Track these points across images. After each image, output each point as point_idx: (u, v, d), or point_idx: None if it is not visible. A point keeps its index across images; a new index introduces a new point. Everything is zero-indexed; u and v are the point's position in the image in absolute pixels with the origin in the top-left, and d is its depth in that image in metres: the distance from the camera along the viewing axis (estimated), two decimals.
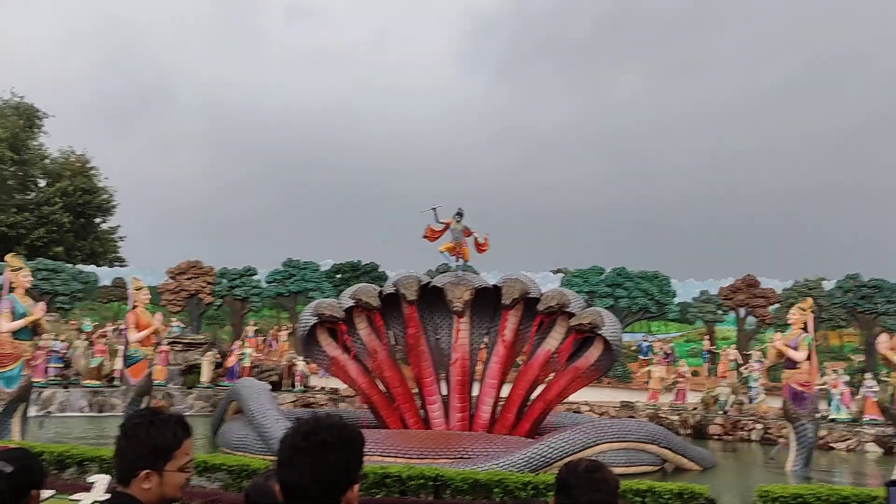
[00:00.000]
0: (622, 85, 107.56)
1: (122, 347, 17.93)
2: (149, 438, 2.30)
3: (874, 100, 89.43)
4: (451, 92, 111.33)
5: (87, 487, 8.78)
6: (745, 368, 26.17)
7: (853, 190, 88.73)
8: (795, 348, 16.12)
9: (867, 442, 21.07)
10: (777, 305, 30.34)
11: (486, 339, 17.34)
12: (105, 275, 34.41)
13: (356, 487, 2.09)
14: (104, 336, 25.99)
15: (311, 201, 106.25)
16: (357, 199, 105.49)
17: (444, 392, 16.90)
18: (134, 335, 17.12)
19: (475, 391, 16.95)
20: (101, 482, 8.53)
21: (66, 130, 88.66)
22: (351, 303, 16.37)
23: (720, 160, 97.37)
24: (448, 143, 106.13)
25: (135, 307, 17.66)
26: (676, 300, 31.75)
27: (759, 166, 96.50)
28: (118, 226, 51.75)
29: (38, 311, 14.63)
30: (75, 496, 8.57)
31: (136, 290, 17.85)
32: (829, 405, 22.77)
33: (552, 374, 16.61)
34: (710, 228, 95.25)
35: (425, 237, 17.31)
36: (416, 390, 17.24)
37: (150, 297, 18.58)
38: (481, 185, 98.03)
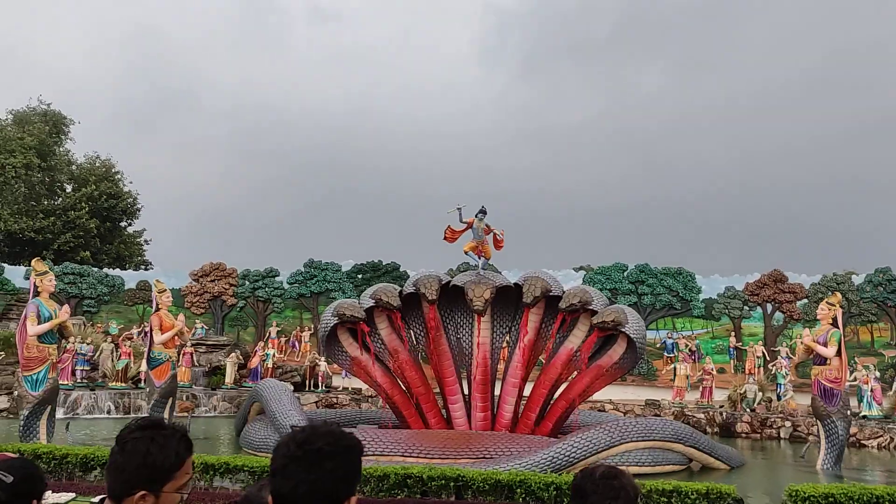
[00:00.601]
0: (644, 81, 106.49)
1: (147, 350, 18.14)
2: (149, 457, 2.13)
3: None
4: (472, 91, 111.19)
5: None
6: (773, 365, 25.74)
7: (882, 182, 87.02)
8: (824, 344, 15.77)
9: None
10: (805, 301, 29.81)
11: (507, 338, 17.21)
12: (130, 278, 34.84)
13: (354, 500, 1.98)
14: (130, 338, 26.29)
15: (332, 202, 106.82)
16: (378, 200, 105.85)
17: (466, 391, 16.81)
18: (159, 337, 17.30)
19: (497, 390, 16.84)
20: None
21: (93, 136, 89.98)
22: (371, 303, 16.33)
23: (744, 155, 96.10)
24: (469, 142, 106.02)
25: (158, 309, 17.84)
26: (701, 296, 31.33)
27: (784, 160, 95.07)
28: (143, 229, 52.45)
29: (64, 313, 14.80)
30: (96, 498, 8.60)
31: (160, 292, 18.02)
32: (860, 402, 22.29)
33: (575, 373, 16.43)
34: (736, 223, 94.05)
35: (445, 238, 17.26)
36: (437, 390, 17.17)
37: (172, 299, 18.75)
38: (503, 184, 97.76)
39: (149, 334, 18.01)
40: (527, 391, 16.85)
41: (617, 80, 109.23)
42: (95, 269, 34.73)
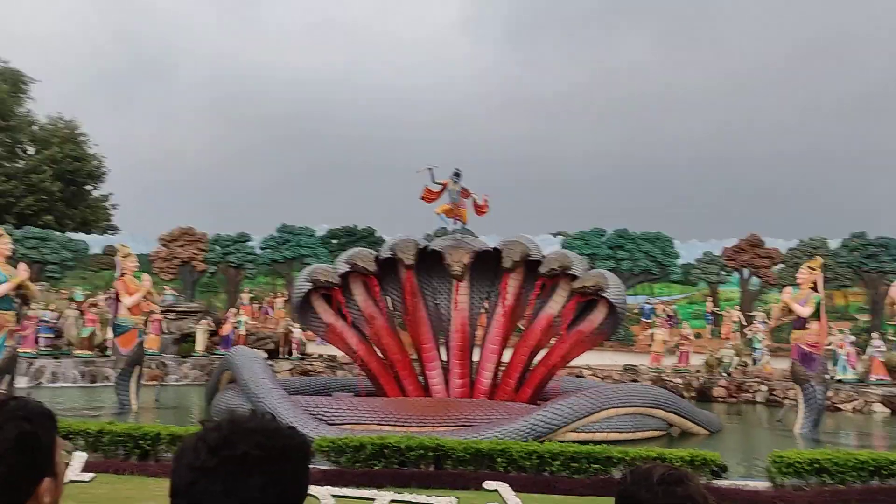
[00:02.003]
0: (630, 52, 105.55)
1: (112, 317, 17.52)
2: (30, 438, 1.47)
3: (882, 66, 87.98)
4: (456, 60, 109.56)
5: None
6: (749, 330, 25.82)
7: (858, 149, 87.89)
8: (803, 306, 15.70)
9: (874, 402, 20.81)
10: (781, 265, 29.89)
11: (486, 304, 16.86)
12: (96, 243, 33.76)
13: None
14: (95, 305, 25.48)
15: (309, 169, 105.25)
16: (356, 166, 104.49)
17: (444, 358, 16.48)
18: (127, 300, 16.69)
19: (476, 357, 16.53)
20: (77, 460, 8.03)
21: (68, 100, 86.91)
22: (346, 268, 15.82)
23: (726, 123, 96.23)
24: (452, 110, 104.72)
25: (123, 275, 17.17)
26: (679, 261, 31.25)
27: (764, 128, 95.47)
28: (110, 193, 51.03)
29: (23, 272, 14.17)
30: None
31: (124, 257, 17.33)
32: (835, 365, 22.45)
33: (555, 339, 16.16)
34: (714, 188, 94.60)
35: (423, 198, 16.88)
36: (414, 357, 16.82)
37: (138, 264, 18.06)
38: (485, 152, 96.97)
39: (114, 301, 17.38)
40: (506, 357, 16.55)
41: (602, 51, 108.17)
42: (58, 234, 33.56)
